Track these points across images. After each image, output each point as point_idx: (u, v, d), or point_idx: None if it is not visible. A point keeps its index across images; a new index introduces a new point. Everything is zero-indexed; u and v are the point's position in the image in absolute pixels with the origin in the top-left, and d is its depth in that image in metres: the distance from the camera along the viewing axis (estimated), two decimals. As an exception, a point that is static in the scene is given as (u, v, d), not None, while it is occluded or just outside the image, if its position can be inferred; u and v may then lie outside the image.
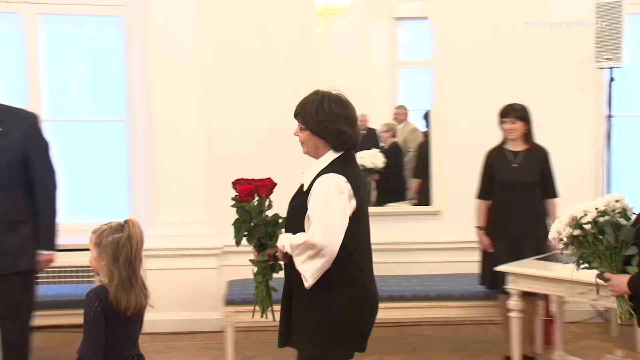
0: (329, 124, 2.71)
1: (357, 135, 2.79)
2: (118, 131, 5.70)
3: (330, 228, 2.59)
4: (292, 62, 5.46)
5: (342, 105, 2.76)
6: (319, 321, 2.70)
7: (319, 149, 2.77)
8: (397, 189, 6.05)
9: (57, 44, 5.67)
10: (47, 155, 3.66)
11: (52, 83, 5.63)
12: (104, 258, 2.68)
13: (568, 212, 2.82)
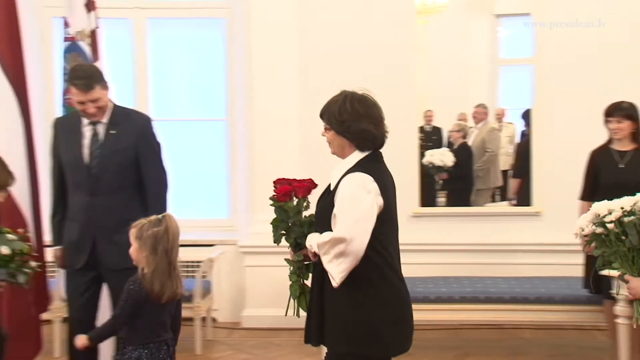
0: (351, 123, 2.69)
1: (382, 135, 2.75)
2: (219, 130, 5.87)
3: (357, 224, 2.56)
4: (391, 62, 5.47)
5: (366, 104, 2.74)
6: (351, 320, 2.66)
7: (345, 149, 2.75)
8: (464, 189, 5.94)
9: (163, 46, 5.91)
10: (159, 156, 3.81)
11: (158, 84, 5.87)
12: (144, 250, 2.90)
13: (593, 208, 2.73)
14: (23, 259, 3.37)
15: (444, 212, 5.68)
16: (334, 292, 2.65)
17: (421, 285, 4.86)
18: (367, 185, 2.61)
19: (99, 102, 3.59)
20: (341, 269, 2.57)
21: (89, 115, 3.67)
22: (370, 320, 2.66)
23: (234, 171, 5.80)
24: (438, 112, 5.85)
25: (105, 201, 3.60)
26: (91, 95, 3.56)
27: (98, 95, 3.56)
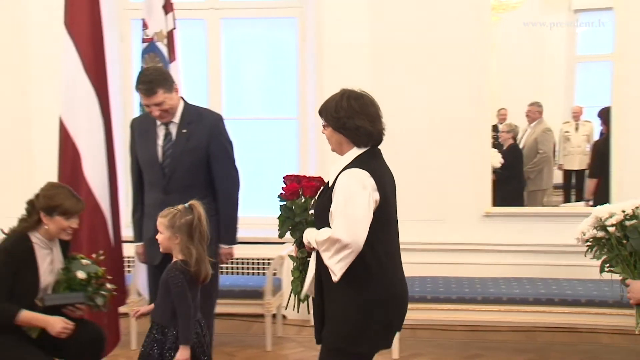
0: (347, 120, 2.74)
1: (379, 131, 2.80)
2: (290, 129, 5.92)
3: (354, 222, 2.60)
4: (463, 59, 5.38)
5: (362, 102, 2.79)
6: (341, 315, 2.72)
7: (343, 146, 2.80)
8: (514, 190, 5.80)
9: (236, 46, 6.00)
10: (230, 154, 3.88)
11: (230, 83, 5.96)
12: (177, 237, 3.11)
13: (594, 212, 2.66)
14: (99, 282, 3.53)
15: (518, 212, 5.56)
16: (330, 290, 2.74)
17: (493, 287, 4.79)
18: (363, 181, 2.66)
19: (162, 106, 3.69)
20: (342, 265, 2.63)
21: (155, 117, 3.78)
22: (361, 318, 2.70)
23: (304, 169, 5.84)
24: (512, 110, 5.73)
25: (178, 199, 3.68)
26: (154, 100, 3.66)
27: (161, 99, 3.66)
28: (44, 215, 3.30)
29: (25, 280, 3.26)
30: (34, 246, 3.30)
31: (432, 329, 5.24)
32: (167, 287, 3.11)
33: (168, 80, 3.71)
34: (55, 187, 3.38)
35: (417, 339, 5.07)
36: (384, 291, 2.73)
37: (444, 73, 5.41)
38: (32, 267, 3.29)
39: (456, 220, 5.43)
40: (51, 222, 3.31)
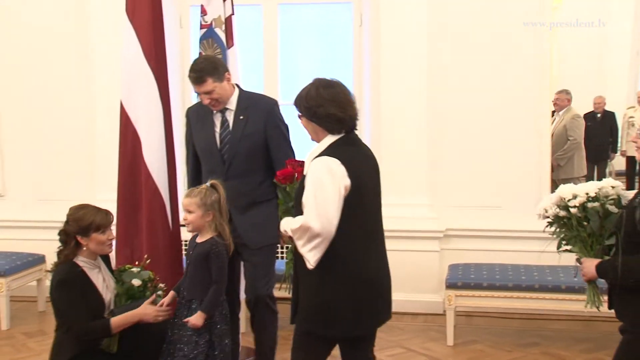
0: (317, 108, 2.80)
1: (351, 117, 2.83)
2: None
3: (324, 210, 2.66)
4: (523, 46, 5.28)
5: (331, 89, 2.83)
6: (313, 299, 2.78)
7: (318, 134, 2.86)
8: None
9: (291, 31, 6.01)
10: (287, 138, 3.90)
11: (286, 69, 5.98)
12: (209, 214, 3.30)
13: (558, 191, 2.69)
14: (153, 284, 3.65)
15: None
16: (303, 273, 2.80)
17: (551, 274, 4.71)
18: (332, 169, 2.70)
19: (212, 94, 3.73)
20: (314, 252, 2.70)
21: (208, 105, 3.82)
22: (328, 301, 2.75)
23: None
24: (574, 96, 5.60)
25: (237, 185, 3.73)
26: (203, 88, 3.70)
27: (210, 87, 3.69)
28: (80, 237, 3.36)
29: (90, 302, 3.35)
30: (83, 269, 3.38)
31: (488, 317, 5.19)
32: (203, 261, 3.26)
33: (218, 69, 3.73)
34: (80, 208, 3.42)
35: (473, 327, 5.04)
36: (353, 275, 2.77)
37: (502, 56, 5.31)
38: (91, 289, 3.37)
39: (513, 206, 5.35)
40: (90, 241, 3.37)
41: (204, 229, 3.35)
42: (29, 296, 5.63)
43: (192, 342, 3.28)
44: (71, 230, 3.36)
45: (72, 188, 5.84)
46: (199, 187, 3.38)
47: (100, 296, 3.40)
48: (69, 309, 3.27)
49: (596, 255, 2.67)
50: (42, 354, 4.54)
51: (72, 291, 3.28)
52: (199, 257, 3.31)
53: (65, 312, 3.29)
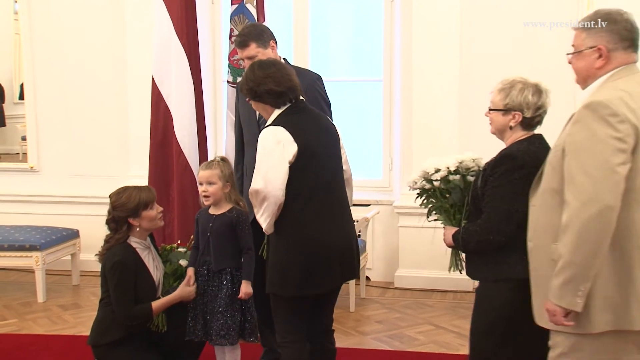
0: (256, 87, 2.99)
1: (287, 89, 2.98)
2: (376, 91, 5.88)
3: (267, 174, 2.87)
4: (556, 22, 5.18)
5: (265, 67, 3.02)
6: (271, 262, 3.00)
7: (267, 110, 3.05)
8: None
9: (322, 7, 5.98)
10: (327, 113, 3.87)
11: (317, 45, 5.96)
12: (227, 186, 3.37)
13: (422, 165, 2.79)
14: None
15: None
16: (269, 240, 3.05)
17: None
18: (277, 136, 2.90)
19: (254, 60, 3.71)
20: (265, 216, 2.92)
21: None
22: (282, 262, 2.95)
23: (389, 132, 5.81)
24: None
25: None
26: (246, 52, 3.69)
27: (253, 52, 3.68)
28: (132, 219, 3.39)
29: (143, 283, 3.41)
30: (137, 250, 3.43)
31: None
32: (228, 231, 3.33)
33: (263, 36, 3.71)
34: (121, 192, 3.43)
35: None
36: (304, 238, 2.94)
37: (534, 36, 5.22)
38: (144, 269, 3.43)
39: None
40: (142, 220, 3.41)
41: (221, 201, 3.40)
42: (64, 270, 5.73)
43: (227, 313, 3.33)
44: (121, 215, 3.39)
45: (105, 164, 5.92)
46: (214, 160, 3.44)
47: (152, 277, 3.46)
48: (118, 292, 3.33)
49: (458, 224, 2.80)
50: (77, 326, 4.64)
51: (125, 274, 3.33)
52: (224, 227, 3.34)
53: (113, 294, 3.34)
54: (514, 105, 2.71)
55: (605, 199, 2.17)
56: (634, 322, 2.25)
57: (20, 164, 6.19)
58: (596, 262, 2.21)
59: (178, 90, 4.56)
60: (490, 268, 2.67)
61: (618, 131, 2.18)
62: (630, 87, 2.30)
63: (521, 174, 2.59)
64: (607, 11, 2.38)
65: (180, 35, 4.50)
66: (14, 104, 6.31)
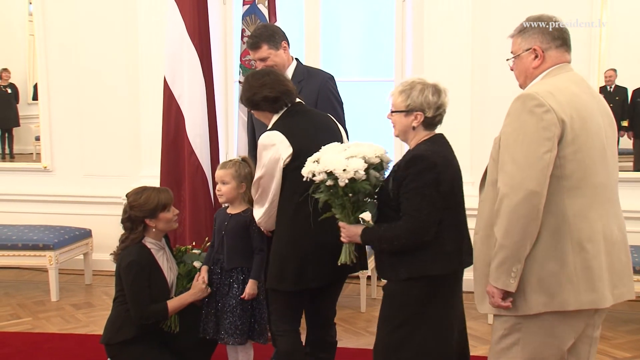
0: (253, 96, 3.12)
1: (281, 94, 3.09)
2: (387, 91, 5.85)
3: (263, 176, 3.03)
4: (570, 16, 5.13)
5: (258, 76, 3.16)
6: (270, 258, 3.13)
7: (267, 117, 3.18)
8: None
9: (334, 7, 5.97)
10: (339, 113, 3.87)
11: (328, 45, 5.95)
12: (243, 186, 3.39)
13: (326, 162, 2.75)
14: None
15: (625, 178, 5.31)
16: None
17: None
18: (272, 140, 3.02)
19: (266, 61, 3.72)
20: (260, 212, 3.13)
21: None
22: (279, 258, 3.06)
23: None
24: (623, 71, 5.42)
25: None
26: (258, 54, 3.70)
27: (265, 54, 3.69)
28: (149, 220, 3.42)
29: (157, 284, 3.43)
30: (151, 251, 3.45)
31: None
32: (242, 231, 3.34)
33: (275, 37, 3.73)
34: (139, 192, 3.45)
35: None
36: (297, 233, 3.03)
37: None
38: (157, 270, 3.45)
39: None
40: (158, 222, 3.43)
41: (236, 201, 3.42)
42: (76, 269, 5.77)
43: (237, 312, 3.35)
44: (138, 215, 3.40)
45: (118, 164, 5.95)
46: (232, 160, 3.46)
47: (165, 278, 3.48)
48: (133, 291, 3.35)
49: (356, 221, 2.81)
50: (89, 325, 4.67)
51: (140, 274, 3.35)
52: (238, 227, 3.36)
53: (129, 294, 3.36)
54: (416, 106, 2.76)
55: (531, 185, 2.30)
56: (567, 303, 2.36)
57: (33, 164, 6.24)
58: (526, 244, 2.34)
59: (190, 91, 4.57)
60: (404, 266, 2.70)
61: (543, 120, 2.31)
62: (561, 82, 2.45)
63: (433, 174, 2.65)
64: (536, 16, 2.59)
65: (192, 35, 4.52)
66: (28, 105, 6.35)
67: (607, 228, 2.43)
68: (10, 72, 6.28)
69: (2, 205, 6.07)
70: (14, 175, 6.23)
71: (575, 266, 2.36)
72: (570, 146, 2.34)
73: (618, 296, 2.44)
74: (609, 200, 2.47)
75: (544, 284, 2.37)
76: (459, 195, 2.79)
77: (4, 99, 6.33)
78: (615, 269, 2.44)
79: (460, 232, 2.77)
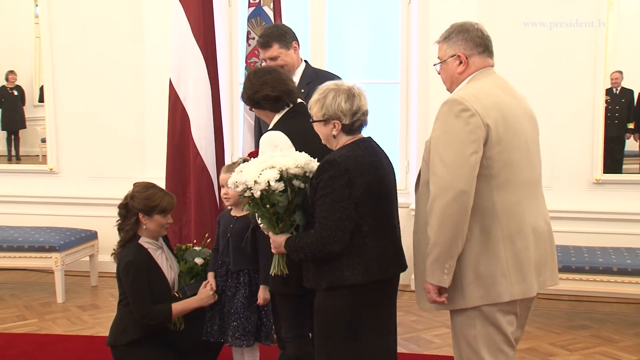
0: (254, 94, 3.11)
1: (283, 93, 3.09)
2: (393, 93, 5.87)
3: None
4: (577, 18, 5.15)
5: (260, 74, 3.14)
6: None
7: (269, 115, 3.16)
8: None
9: (339, 9, 5.97)
10: None
11: (333, 47, 5.95)
12: None
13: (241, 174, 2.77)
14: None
15: (631, 180, 5.30)
16: None
17: (602, 256, 4.62)
18: (274, 141, 2.99)
19: (276, 61, 3.73)
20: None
21: None
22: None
23: (405, 134, 5.79)
24: (629, 73, 5.41)
25: None
26: (268, 53, 3.71)
27: (275, 53, 3.70)
28: (142, 215, 3.41)
29: (157, 283, 3.43)
30: (148, 251, 3.44)
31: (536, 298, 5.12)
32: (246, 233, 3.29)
33: (286, 37, 3.74)
34: (148, 187, 3.46)
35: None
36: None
37: (553, 37, 5.19)
38: (156, 270, 3.45)
39: (565, 187, 5.26)
40: (150, 221, 3.42)
41: (241, 203, 3.37)
42: (82, 271, 5.78)
43: (243, 315, 3.35)
44: (136, 206, 3.40)
45: (123, 166, 5.96)
46: (237, 162, 3.42)
47: (165, 277, 3.48)
48: (134, 292, 3.35)
49: (282, 231, 2.79)
50: (95, 327, 4.68)
51: (139, 274, 3.35)
52: (244, 229, 3.34)
53: (130, 295, 3.36)
54: (331, 115, 2.71)
55: (460, 185, 2.41)
56: (502, 295, 2.49)
57: (40, 166, 6.26)
58: (458, 241, 2.45)
59: (195, 92, 4.58)
60: (325, 277, 2.70)
61: (469, 124, 2.43)
62: (487, 86, 2.57)
63: (345, 179, 2.61)
64: (460, 24, 2.67)
65: (197, 37, 4.52)
66: (34, 107, 6.37)
67: (534, 221, 2.57)
68: (17, 74, 6.30)
69: (8, 206, 6.09)
70: (20, 177, 6.25)
71: (507, 260, 2.49)
72: (496, 147, 2.46)
73: (541, 283, 2.61)
74: (534, 195, 2.61)
75: (480, 278, 2.49)
76: (385, 201, 2.74)
77: (10, 101, 6.36)
78: (540, 259, 2.59)
79: (385, 239, 2.72)
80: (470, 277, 2.50)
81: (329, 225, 2.61)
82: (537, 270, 2.57)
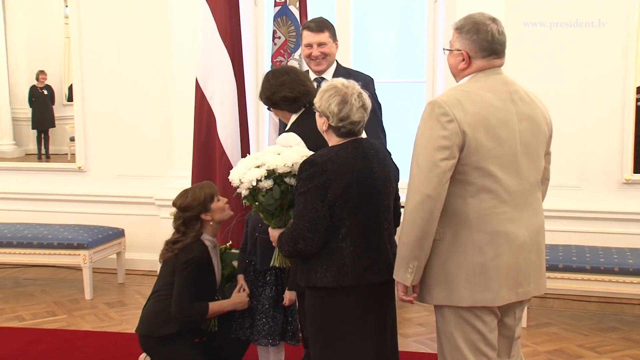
0: (272, 95, 3.16)
1: (301, 94, 3.13)
2: (418, 92, 5.84)
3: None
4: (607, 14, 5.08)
5: (278, 75, 3.17)
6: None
7: (286, 116, 3.22)
8: None
9: (365, 8, 5.96)
10: (378, 116, 3.88)
11: (359, 46, 5.94)
12: None
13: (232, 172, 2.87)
14: None
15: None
16: None
17: (632, 257, 4.55)
18: (289, 142, 3.01)
19: (324, 48, 3.77)
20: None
21: (313, 60, 3.83)
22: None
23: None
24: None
25: None
26: (319, 37, 3.75)
27: (325, 39, 3.76)
28: (204, 215, 3.45)
29: (208, 282, 3.47)
30: (208, 248, 3.49)
31: (564, 299, 5.08)
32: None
33: (335, 31, 3.88)
34: (184, 195, 3.48)
35: (548, 309, 4.93)
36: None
37: (582, 35, 5.12)
38: (211, 268, 3.49)
39: (594, 187, 5.19)
40: (213, 213, 3.47)
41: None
42: (110, 268, 5.84)
43: (270, 313, 3.35)
44: (192, 214, 3.44)
45: (150, 165, 6.01)
46: None
47: (216, 276, 3.53)
48: (182, 285, 3.37)
49: (277, 225, 2.87)
50: (122, 324, 4.73)
51: (197, 271, 3.39)
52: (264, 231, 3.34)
53: (177, 287, 3.38)
54: (322, 111, 2.70)
55: (427, 189, 2.41)
56: (462, 300, 2.50)
57: (68, 164, 6.33)
58: (423, 244, 2.45)
59: (221, 92, 4.60)
60: (303, 276, 2.72)
61: (445, 129, 2.41)
62: (477, 90, 2.52)
63: (322, 180, 2.58)
64: (475, 21, 2.59)
65: (224, 37, 4.54)
66: (63, 106, 6.46)
67: (514, 231, 2.51)
68: (47, 74, 6.39)
69: (38, 204, 6.17)
70: (50, 175, 6.33)
71: (474, 266, 2.48)
72: (473, 155, 2.43)
73: (523, 294, 2.57)
74: (521, 204, 2.54)
75: (446, 279, 2.51)
76: (370, 205, 2.68)
77: (40, 101, 6.45)
78: (521, 269, 2.53)
79: (367, 245, 2.67)
80: (437, 277, 2.52)
81: (299, 225, 2.61)
82: (515, 281, 2.52)
